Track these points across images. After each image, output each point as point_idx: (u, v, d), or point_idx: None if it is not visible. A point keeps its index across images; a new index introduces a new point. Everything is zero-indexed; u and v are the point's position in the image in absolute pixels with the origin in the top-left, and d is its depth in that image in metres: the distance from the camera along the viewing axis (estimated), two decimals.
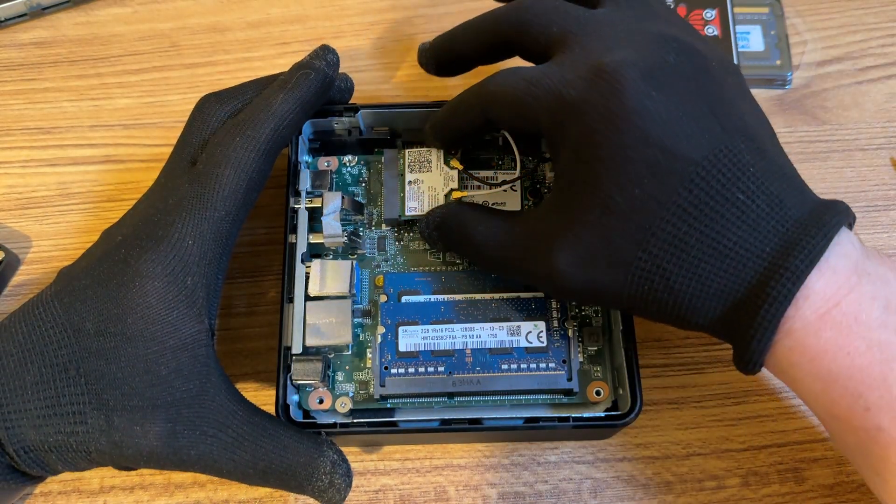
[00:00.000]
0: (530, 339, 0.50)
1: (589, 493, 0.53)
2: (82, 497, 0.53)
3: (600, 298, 0.44)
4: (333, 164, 0.57)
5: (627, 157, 0.41)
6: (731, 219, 0.40)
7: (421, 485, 0.54)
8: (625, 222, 0.41)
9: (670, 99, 0.42)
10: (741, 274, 0.40)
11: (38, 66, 0.66)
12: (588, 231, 0.42)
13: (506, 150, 0.57)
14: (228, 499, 0.53)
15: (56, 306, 0.44)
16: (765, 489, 0.53)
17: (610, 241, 0.42)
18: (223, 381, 0.46)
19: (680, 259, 0.41)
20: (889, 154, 0.61)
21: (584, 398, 0.51)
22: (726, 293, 0.41)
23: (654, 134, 0.41)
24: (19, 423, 0.42)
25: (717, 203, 0.40)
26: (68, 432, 0.42)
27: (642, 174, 0.41)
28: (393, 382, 0.50)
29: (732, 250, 0.40)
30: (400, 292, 0.52)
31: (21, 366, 0.43)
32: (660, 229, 0.41)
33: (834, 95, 0.63)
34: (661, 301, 0.42)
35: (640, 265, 0.42)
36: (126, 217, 0.47)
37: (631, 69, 0.42)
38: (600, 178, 0.41)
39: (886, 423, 0.39)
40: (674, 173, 0.41)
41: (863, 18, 0.66)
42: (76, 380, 0.42)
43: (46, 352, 0.43)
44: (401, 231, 0.56)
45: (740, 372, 0.43)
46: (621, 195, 0.41)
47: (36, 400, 0.42)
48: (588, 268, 0.43)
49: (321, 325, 0.51)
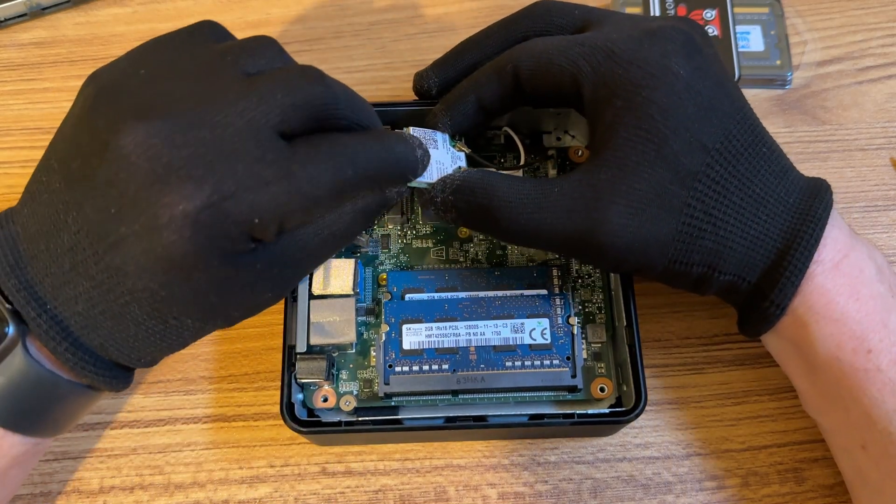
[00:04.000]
0: (534, 336, 0.50)
1: (589, 493, 0.53)
2: (82, 497, 0.53)
3: (646, 255, 0.44)
4: None
5: (682, 101, 0.43)
6: (762, 169, 0.45)
7: (421, 485, 0.53)
8: (676, 166, 0.43)
9: (704, 66, 0.45)
10: (775, 219, 0.44)
11: (38, 66, 0.66)
12: (641, 178, 0.43)
13: (507, 147, 0.57)
14: (228, 499, 0.53)
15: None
16: (765, 489, 0.53)
17: (662, 187, 0.43)
18: None
19: (724, 204, 0.44)
20: (889, 154, 0.62)
21: (588, 395, 0.52)
22: (763, 237, 0.44)
23: (703, 85, 0.44)
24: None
25: (749, 154, 0.45)
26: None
27: (693, 118, 0.43)
28: (397, 380, 0.49)
29: (765, 198, 0.44)
30: (403, 290, 0.52)
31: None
32: (706, 175, 0.43)
33: (834, 95, 0.63)
34: (704, 250, 0.44)
35: (689, 211, 0.43)
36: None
37: (678, 31, 0.45)
38: (656, 121, 0.43)
39: (885, 364, 0.44)
40: (718, 120, 0.44)
41: (863, 18, 0.66)
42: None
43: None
44: (403, 229, 0.56)
45: (749, 332, 0.47)
46: (675, 138, 0.43)
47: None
48: (640, 219, 0.43)
49: (325, 324, 0.51)
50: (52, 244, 0.40)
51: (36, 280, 0.40)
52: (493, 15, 0.64)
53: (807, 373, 0.47)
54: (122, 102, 0.39)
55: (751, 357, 0.56)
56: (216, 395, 0.56)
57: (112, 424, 0.55)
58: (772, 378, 0.55)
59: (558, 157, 0.57)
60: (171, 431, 0.55)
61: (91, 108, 0.40)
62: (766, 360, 0.56)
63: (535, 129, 0.58)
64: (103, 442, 0.54)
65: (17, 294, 0.40)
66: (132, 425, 0.55)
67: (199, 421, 0.55)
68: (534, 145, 0.58)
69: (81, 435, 0.55)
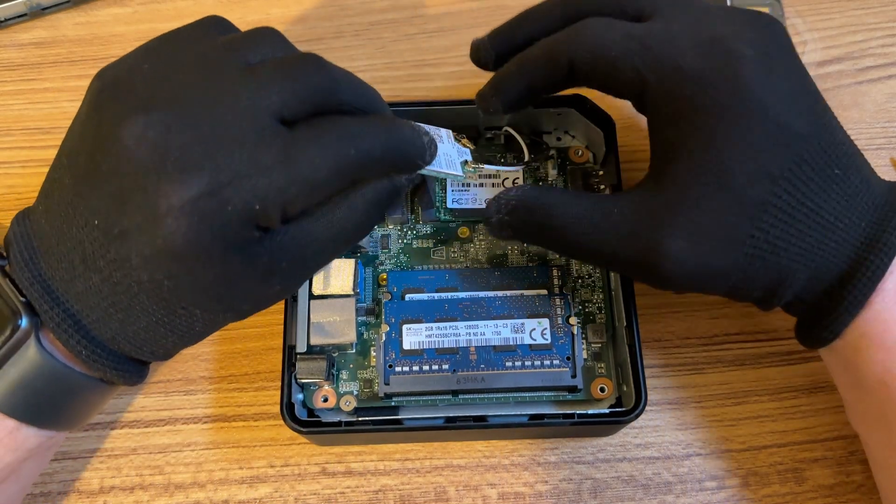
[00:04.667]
0: (534, 337, 0.50)
1: (589, 493, 0.53)
2: (82, 497, 0.53)
3: (708, 283, 0.44)
4: None
5: (749, 128, 0.42)
6: (832, 193, 0.42)
7: (421, 485, 0.53)
8: (740, 197, 0.42)
9: (779, 75, 0.43)
10: (842, 247, 0.43)
11: (38, 66, 0.66)
12: (702, 209, 0.42)
13: (508, 148, 0.58)
14: (228, 499, 0.53)
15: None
16: (765, 489, 0.53)
17: (724, 219, 0.42)
18: None
19: (789, 233, 0.42)
20: (889, 154, 0.61)
21: (589, 395, 0.52)
22: (828, 265, 0.43)
23: (772, 108, 0.42)
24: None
25: (820, 178, 0.42)
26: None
27: (760, 147, 0.42)
28: (397, 381, 0.49)
29: (833, 224, 0.42)
30: (404, 290, 0.53)
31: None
32: (772, 205, 0.42)
33: (834, 95, 0.63)
34: (768, 278, 0.43)
35: (753, 242, 0.42)
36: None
37: (747, 45, 0.43)
38: (719, 149, 0.42)
39: None
40: (787, 147, 0.42)
41: (863, 18, 0.66)
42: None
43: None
44: (404, 229, 0.56)
45: (804, 343, 0.46)
46: (739, 168, 0.41)
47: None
48: (701, 249, 0.42)
49: (325, 324, 0.51)
50: (63, 239, 0.40)
51: (49, 274, 0.41)
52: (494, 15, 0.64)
53: (854, 389, 0.47)
54: (125, 97, 0.39)
55: (751, 357, 0.56)
56: (216, 395, 0.56)
57: (112, 424, 0.55)
58: (772, 378, 0.55)
59: (558, 157, 0.57)
60: (172, 431, 0.55)
61: (96, 103, 0.40)
62: (766, 360, 0.56)
63: (535, 129, 0.58)
64: (103, 442, 0.54)
65: (31, 287, 0.40)
66: (132, 425, 0.55)
67: (199, 421, 0.55)
68: (534, 145, 0.58)
69: (81, 435, 0.55)
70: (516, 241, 0.51)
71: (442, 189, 0.57)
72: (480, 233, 0.56)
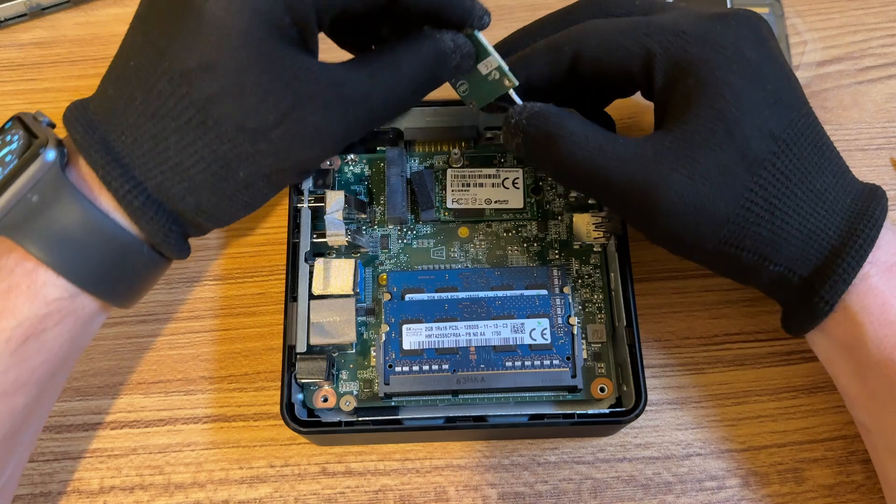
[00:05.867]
0: (534, 337, 0.50)
1: (589, 493, 0.53)
2: (82, 497, 0.53)
3: (700, 228, 0.44)
4: (336, 162, 0.57)
5: (754, 86, 0.44)
6: (822, 165, 0.45)
7: (421, 485, 0.53)
8: (743, 149, 0.43)
9: (774, 50, 0.46)
10: (833, 216, 0.44)
11: (38, 66, 0.66)
12: (706, 153, 0.43)
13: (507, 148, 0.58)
14: (228, 499, 0.53)
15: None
16: (765, 489, 0.53)
17: (726, 166, 0.43)
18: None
19: (785, 195, 0.43)
20: (889, 154, 0.62)
21: (589, 395, 0.52)
22: (819, 232, 0.44)
23: (772, 73, 0.45)
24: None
25: (812, 148, 0.45)
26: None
27: (763, 104, 0.44)
28: (397, 381, 0.49)
29: (824, 194, 0.44)
30: (403, 290, 0.52)
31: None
32: (770, 163, 0.43)
33: (834, 95, 0.63)
34: (759, 237, 0.44)
35: (750, 196, 0.43)
36: None
37: (748, 18, 0.46)
38: (728, 103, 0.43)
39: None
40: (787, 111, 0.44)
41: (863, 18, 0.66)
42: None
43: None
44: (404, 229, 0.56)
45: (793, 328, 0.47)
46: (745, 120, 0.43)
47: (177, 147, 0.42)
48: (700, 189, 0.43)
49: (325, 324, 0.51)
50: (117, 86, 0.42)
51: (95, 117, 0.42)
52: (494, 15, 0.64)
53: (857, 374, 0.46)
54: None
55: (751, 357, 0.56)
56: (216, 395, 0.56)
57: (112, 424, 0.55)
58: (772, 378, 0.56)
59: None
60: (171, 431, 0.55)
61: None
62: (766, 361, 0.56)
63: None
64: (103, 442, 0.54)
65: (75, 122, 0.43)
66: (132, 425, 0.55)
67: (199, 421, 0.55)
68: None
69: (81, 435, 0.55)
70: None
71: (442, 189, 0.57)
72: (480, 233, 0.56)
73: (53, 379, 0.45)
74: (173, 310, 0.58)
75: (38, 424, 0.48)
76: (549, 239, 0.56)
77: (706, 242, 0.44)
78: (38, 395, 0.44)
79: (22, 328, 0.42)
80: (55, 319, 0.43)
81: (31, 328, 0.42)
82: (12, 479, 0.48)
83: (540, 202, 0.57)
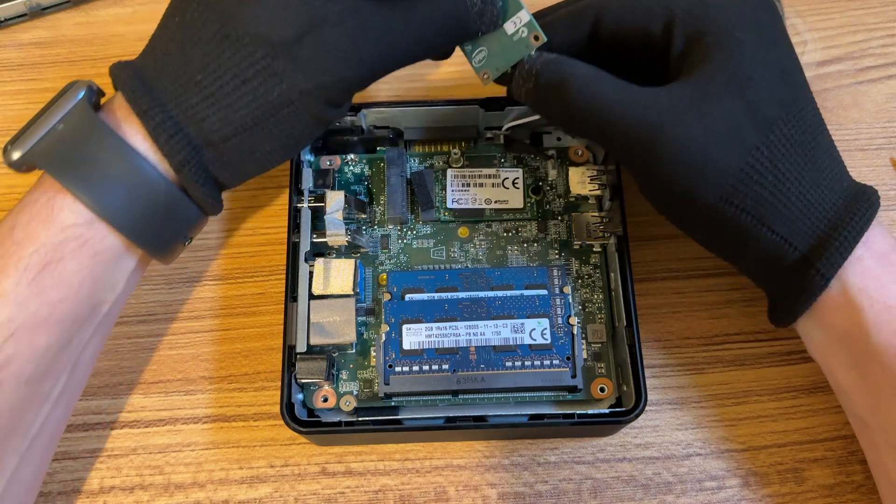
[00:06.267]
0: (534, 337, 0.50)
1: (589, 493, 0.53)
2: (82, 497, 0.53)
3: (702, 177, 0.44)
4: (336, 162, 0.57)
5: (768, 54, 0.45)
6: (824, 146, 0.45)
7: (421, 485, 0.53)
8: (755, 108, 0.44)
9: (785, 32, 0.47)
10: (832, 192, 0.45)
11: (38, 66, 0.66)
12: (719, 106, 0.43)
13: (508, 148, 0.58)
14: (228, 499, 0.53)
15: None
16: (765, 489, 0.53)
17: (737, 123, 0.43)
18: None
19: (789, 160, 0.44)
20: (889, 154, 0.62)
21: (589, 395, 0.52)
22: (818, 204, 0.44)
23: (784, 47, 0.46)
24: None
25: (816, 128, 0.45)
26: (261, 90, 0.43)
27: (776, 72, 0.44)
28: (397, 381, 0.50)
29: (825, 170, 0.45)
30: (403, 290, 0.52)
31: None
32: (779, 128, 0.44)
33: (834, 95, 0.63)
34: (760, 198, 0.44)
35: (756, 154, 0.44)
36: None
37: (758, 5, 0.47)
38: (744, 63, 0.44)
39: None
40: (795, 87, 0.45)
41: (863, 18, 0.66)
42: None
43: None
44: (404, 229, 0.56)
45: (784, 312, 0.47)
46: (760, 83, 0.44)
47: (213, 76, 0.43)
48: (708, 138, 0.43)
49: (325, 324, 0.51)
50: (158, 41, 0.45)
51: (147, 71, 0.44)
52: None
53: (855, 365, 0.46)
54: None
55: (751, 357, 0.56)
56: (216, 395, 0.56)
57: (112, 424, 0.55)
58: (772, 378, 0.55)
59: (558, 157, 0.58)
60: (171, 431, 0.55)
61: None
62: (766, 361, 0.56)
63: (535, 128, 0.58)
64: (103, 442, 0.54)
65: (120, 72, 0.44)
66: (132, 425, 0.55)
67: (199, 421, 0.55)
68: (534, 145, 0.58)
69: (81, 435, 0.55)
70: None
71: (442, 189, 0.57)
72: (480, 233, 0.56)
73: (80, 328, 0.45)
74: (173, 310, 0.58)
75: (70, 388, 0.47)
76: (549, 239, 0.56)
77: (708, 194, 0.44)
78: (61, 339, 0.44)
79: (39, 255, 0.42)
80: (71, 248, 0.43)
81: (47, 255, 0.43)
82: (51, 439, 0.48)
83: (540, 202, 0.57)
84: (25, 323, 0.42)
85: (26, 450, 0.45)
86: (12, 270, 0.42)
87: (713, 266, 0.58)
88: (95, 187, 0.43)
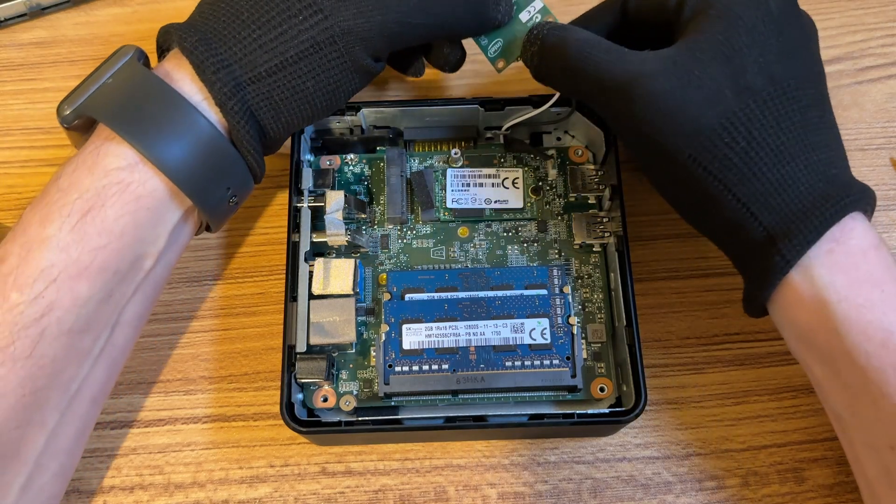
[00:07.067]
0: (534, 336, 0.50)
1: (589, 493, 0.53)
2: (82, 497, 0.53)
3: (674, 128, 0.45)
4: (336, 162, 0.57)
5: (767, 31, 0.45)
6: (820, 133, 0.45)
7: (421, 485, 0.53)
8: (737, 76, 0.44)
9: (803, 20, 0.48)
10: (812, 174, 0.44)
11: (38, 66, 0.66)
12: (704, 67, 0.44)
13: (508, 148, 0.58)
14: (228, 499, 0.53)
15: None
16: (765, 489, 0.53)
17: (717, 85, 0.44)
18: None
19: (767, 133, 0.44)
20: (889, 154, 0.61)
21: (588, 395, 0.52)
22: (792, 182, 0.44)
23: (791, 31, 0.46)
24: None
25: (815, 115, 0.45)
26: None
27: (772, 49, 0.45)
28: (397, 380, 0.50)
29: (811, 153, 0.44)
30: (403, 290, 0.52)
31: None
32: (762, 99, 0.44)
33: (834, 95, 0.62)
34: (729, 163, 0.44)
35: (732, 118, 0.44)
36: None
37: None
38: (736, 33, 0.45)
39: None
40: (799, 67, 0.46)
41: (863, 18, 0.66)
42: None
43: None
44: (404, 229, 0.56)
45: (752, 298, 0.46)
46: (748, 53, 0.44)
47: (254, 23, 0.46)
48: (684, 93, 0.44)
49: (325, 324, 0.51)
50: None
51: (210, 32, 0.46)
52: None
53: (829, 363, 0.44)
54: None
55: (751, 357, 0.56)
56: (216, 395, 0.56)
57: (112, 424, 0.55)
58: (772, 378, 0.55)
59: (558, 156, 0.58)
60: (171, 431, 0.55)
61: None
62: (766, 360, 0.56)
63: (535, 128, 0.58)
64: (103, 442, 0.54)
65: (175, 31, 0.46)
66: (132, 425, 0.55)
67: (199, 421, 0.55)
68: (534, 145, 0.58)
69: None
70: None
71: (442, 189, 0.57)
72: (480, 232, 0.56)
73: (121, 281, 0.45)
74: (173, 310, 0.58)
75: (111, 350, 0.47)
76: (549, 239, 0.56)
77: (680, 147, 0.45)
78: (102, 290, 0.44)
79: (82, 200, 0.43)
80: (114, 192, 0.44)
81: (90, 200, 0.43)
82: (92, 403, 0.48)
83: (540, 202, 0.57)
84: (67, 269, 0.43)
85: (66, 408, 0.45)
86: (56, 216, 0.43)
87: (713, 266, 0.58)
88: (138, 127, 0.44)
